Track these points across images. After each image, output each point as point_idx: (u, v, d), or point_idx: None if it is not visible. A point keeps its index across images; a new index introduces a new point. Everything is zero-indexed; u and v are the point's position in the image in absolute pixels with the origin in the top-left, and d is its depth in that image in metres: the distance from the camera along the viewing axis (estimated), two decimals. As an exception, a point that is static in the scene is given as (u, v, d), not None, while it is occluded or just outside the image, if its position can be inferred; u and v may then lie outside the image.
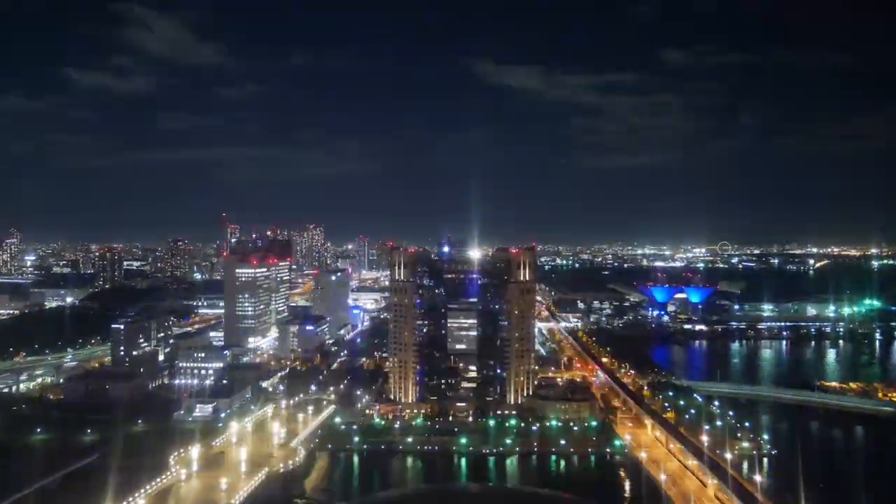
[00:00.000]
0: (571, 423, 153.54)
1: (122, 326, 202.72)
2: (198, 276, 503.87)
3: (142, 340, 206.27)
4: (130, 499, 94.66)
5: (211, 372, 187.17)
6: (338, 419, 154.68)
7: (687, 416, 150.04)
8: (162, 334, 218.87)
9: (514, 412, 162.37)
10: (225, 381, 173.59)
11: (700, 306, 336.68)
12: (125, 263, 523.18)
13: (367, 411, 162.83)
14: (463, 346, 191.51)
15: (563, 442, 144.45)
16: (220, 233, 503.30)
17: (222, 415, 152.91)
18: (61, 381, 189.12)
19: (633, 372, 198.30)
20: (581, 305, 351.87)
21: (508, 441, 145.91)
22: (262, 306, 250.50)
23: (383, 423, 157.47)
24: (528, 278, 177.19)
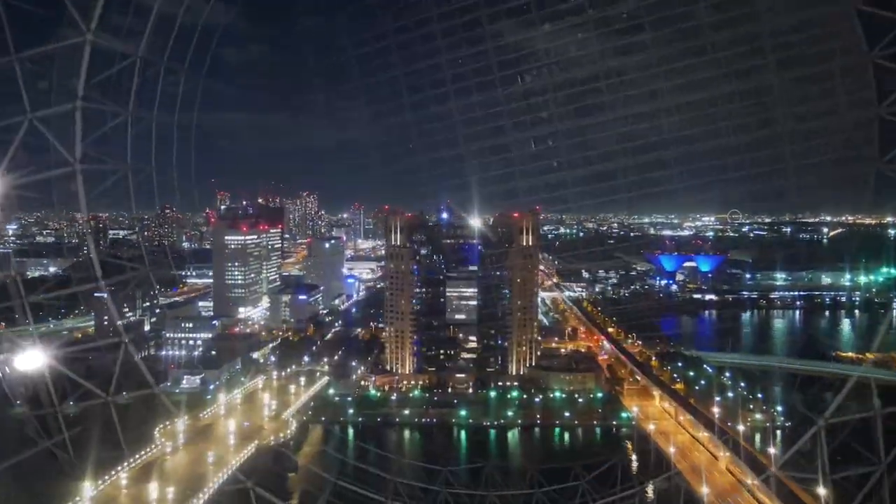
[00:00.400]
0: (576, 395, 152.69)
1: (105, 295, 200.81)
2: (186, 244, 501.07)
3: (127, 310, 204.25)
4: (113, 472, 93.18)
5: (199, 342, 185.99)
6: (331, 391, 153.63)
7: (697, 388, 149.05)
8: (148, 304, 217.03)
9: (515, 383, 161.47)
10: (213, 352, 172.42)
11: (710, 275, 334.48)
12: (111, 233, 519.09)
13: (363, 383, 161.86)
14: (463, 316, 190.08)
15: (567, 414, 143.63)
16: (210, 200, 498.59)
17: (210, 386, 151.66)
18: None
19: (640, 342, 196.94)
20: (586, 275, 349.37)
21: (510, 413, 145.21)
22: (252, 275, 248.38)
23: (379, 394, 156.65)
24: (530, 244, 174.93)
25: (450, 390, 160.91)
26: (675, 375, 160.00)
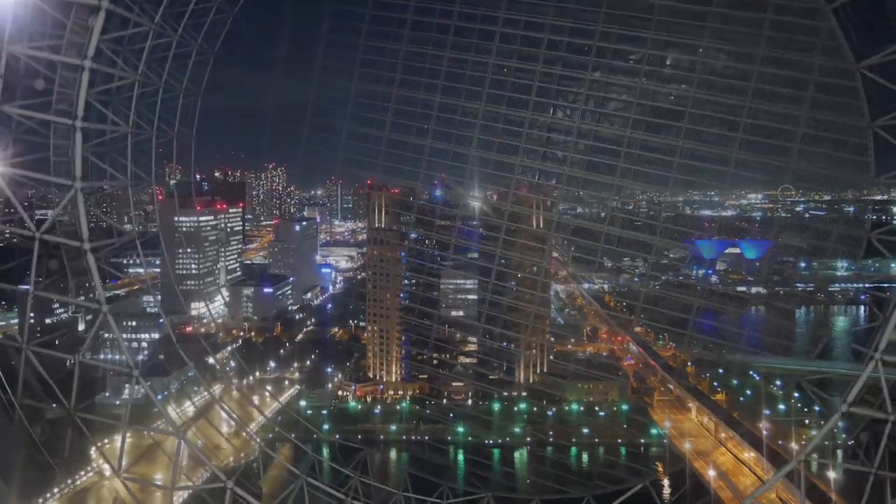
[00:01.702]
0: (596, 408, 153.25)
1: (30, 289, 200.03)
2: (128, 227, 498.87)
3: (57, 306, 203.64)
4: (40, 501, 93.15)
5: (144, 344, 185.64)
6: (303, 403, 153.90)
7: (741, 399, 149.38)
8: (83, 298, 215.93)
9: (523, 394, 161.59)
10: (161, 356, 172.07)
11: (757, 264, 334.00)
12: (38, 212, 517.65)
13: (340, 393, 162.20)
14: (460, 313, 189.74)
15: (585, 430, 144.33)
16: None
17: (158, 397, 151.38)
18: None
19: (673, 344, 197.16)
20: (608, 263, 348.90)
21: (517, 429, 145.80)
22: (208, 263, 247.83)
23: (360, 407, 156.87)
24: (541, 226, 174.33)
25: (444, 402, 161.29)
26: (715, 384, 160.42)
